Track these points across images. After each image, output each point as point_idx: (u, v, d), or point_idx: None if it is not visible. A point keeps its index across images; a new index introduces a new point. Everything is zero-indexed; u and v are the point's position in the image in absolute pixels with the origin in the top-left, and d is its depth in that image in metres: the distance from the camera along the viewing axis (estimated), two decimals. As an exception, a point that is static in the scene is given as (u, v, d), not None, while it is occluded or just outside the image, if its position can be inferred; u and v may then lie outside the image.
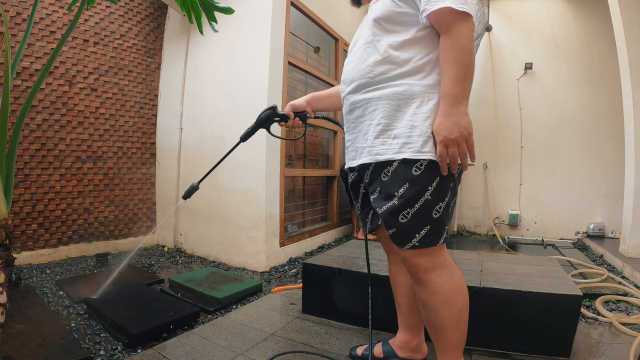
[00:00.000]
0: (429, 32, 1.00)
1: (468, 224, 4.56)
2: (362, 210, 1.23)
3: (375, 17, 1.05)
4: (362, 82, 1.07)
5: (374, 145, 1.03)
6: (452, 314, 1.03)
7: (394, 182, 1.00)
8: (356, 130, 1.11)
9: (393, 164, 1.00)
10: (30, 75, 2.68)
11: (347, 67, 1.16)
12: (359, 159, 1.09)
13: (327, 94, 1.42)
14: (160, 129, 3.55)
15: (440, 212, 1.00)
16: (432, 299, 1.03)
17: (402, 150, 0.98)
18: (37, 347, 1.41)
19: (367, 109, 1.07)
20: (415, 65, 1.00)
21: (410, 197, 0.98)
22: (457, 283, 1.05)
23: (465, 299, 1.06)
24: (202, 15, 1.68)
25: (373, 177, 1.06)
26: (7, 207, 1.11)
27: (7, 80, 1.13)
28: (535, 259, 1.96)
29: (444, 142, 0.94)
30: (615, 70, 3.20)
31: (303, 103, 1.39)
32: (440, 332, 1.06)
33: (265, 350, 1.44)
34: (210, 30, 1.91)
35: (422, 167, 0.97)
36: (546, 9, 4.22)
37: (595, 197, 3.97)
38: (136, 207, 3.42)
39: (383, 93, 1.03)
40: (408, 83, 1.00)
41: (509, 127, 4.35)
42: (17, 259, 2.32)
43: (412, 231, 1.00)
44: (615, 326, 1.65)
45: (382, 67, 1.03)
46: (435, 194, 0.98)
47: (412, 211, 0.99)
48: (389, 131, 1.01)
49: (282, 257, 2.95)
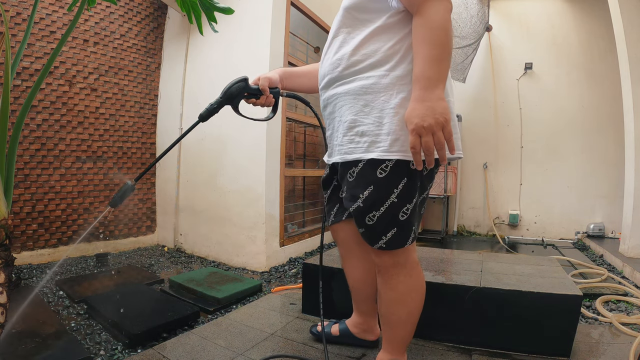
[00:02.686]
0: (400, 18, 0.92)
1: (468, 224, 4.56)
2: (329, 202, 1.25)
3: (345, 6, 0.98)
4: (332, 76, 1.02)
5: (343, 143, 0.98)
6: (401, 313, 1.06)
7: (358, 183, 0.96)
8: (330, 126, 1.07)
9: (359, 165, 0.95)
10: (30, 75, 2.68)
11: (321, 62, 1.11)
12: (333, 157, 1.06)
13: (300, 72, 1.28)
14: (160, 129, 3.55)
15: (407, 214, 0.96)
16: (387, 294, 1.07)
17: (370, 150, 0.92)
18: (37, 347, 1.41)
19: (336, 105, 1.01)
20: (385, 54, 0.92)
21: (375, 200, 0.95)
22: (414, 285, 1.05)
23: (419, 302, 1.07)
24: (202, 15, 1.68)
25: (342, 176, 1.05)
26: (7, 207, 1.11)
27: (7, 80, 1.13)
28: (535, 259, 1.96)
29: (417, 131, 0.83)
30: (615, 70, 3.20)
31: (277, 78, 1.21)
32: (389, 326, 1.11)
33: (265, 350, 1.44)
34: (210, 30, 1.91)
35: (387, 168, 0.92)
36: (546, 9, 4.22)
37: (595, 197, 3.97)
38: (136, 207, 3.42)
39: (350, 87, 0.96)
40: (376, 75, 0.93)
41: (509, 127, 4.35)
42: (17, 259, 2.32)
43: (378, 234, 0.98)
44: (615, 326, 1.65)
45: (350, 59, 0.96)
46: (401, 196, 0.94)
47: (377, 214, 0.95)
48: (356, 128, 0.95)
49: (282, 257, 2.95)
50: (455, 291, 1.48)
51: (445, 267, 1.81)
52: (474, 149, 4.51)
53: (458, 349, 1.44)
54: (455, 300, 1.47)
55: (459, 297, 1.46)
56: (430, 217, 4.63)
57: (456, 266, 1.84)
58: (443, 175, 4.14)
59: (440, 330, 1.50)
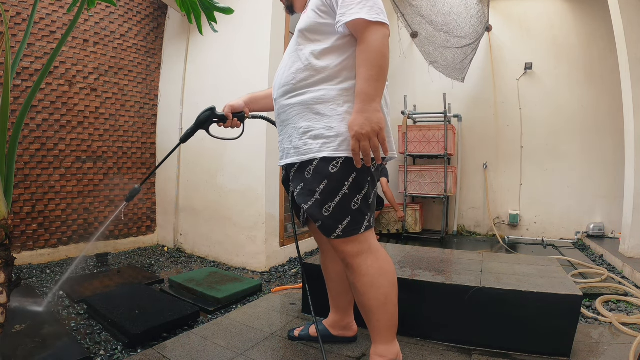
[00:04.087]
0: (347, 40, 1.09)
1: (468, 224, 4.56)
2: (294, 205, 1.32)
3: (300, 28, 1.14)
4: (287, 88, 1.17)
5: (299, 146, 1.12)
6: (378, 295, 1.13)
7: (315, 179, 1.10)
8: (283, 132, 1.21)
9: (314, 163, 1.09)
10: (30, 75, 2.68)
11: (277, 74, 1.26)
12: (285, 159, 1.20)
13: (263, 95, 1.47)
14: (160, 129, 3.55)
15: (358, 203, 1.11)
16: (360, 281, 1.13)
17: (322, 150, 1.08)
18: (37, 347, 1.41)
19: (290, 114, 1.16)
20: (333, 71, 1.09)
21: (329, 192, 1.08)
22: (383, 267, 1.14)
23: (391, 283, 1.15)
24: (202, 15, 1.68)
25: (297, 175, 1.16)
26: (7, 207, 1.11)
27: (7, 80, 1.13)
28: (535, 259, 1.96)
29: (356, 137, 1.01)
30: (615, 70, 3.20)
31: (241, 104, 1.42)
32: (370, 313, 1.16)
33: (265, 350, 1.44)
34: (210, 30, 1.91)
35: (338, 165, 1.07)
36: (546, 9, 4.22)
37: (595, 197, 3.97)
38: (136, 207, 3.42)
39: (303, 99, 1.12)
40: (326, 88, 1.09)
41: (509, 127, 4.35)
42: (17, 259, 2.32)
43: (335, 222, 1.10)
44: (615, 326, 1.65)
45: (303, 74, 1.12)
46: (352, 188, 1.09)
47: (332, 205, 1.09)
48: (310, 132, 1.10)
49: (282, 257, 2.95)
50: (455, 291, 1.48)
51: (445, 267, 1.81)
52: (474, 149, 4.51)
53: (458, 349, 1.44)
54: (455, 300, 1.47)
55: (459, 297, 1.46)
56: (430, 217, 4.63)
57: (456, 266, 1.84)
58: (443, 175, 4.14)
59: (440, 330, 1.50)
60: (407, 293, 1.40)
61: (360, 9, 0.99)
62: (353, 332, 1.50)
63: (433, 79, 4.26)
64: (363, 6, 0.99)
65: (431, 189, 4.22)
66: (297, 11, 1.34)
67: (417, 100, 4.68)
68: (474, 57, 3.95)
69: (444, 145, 4.09)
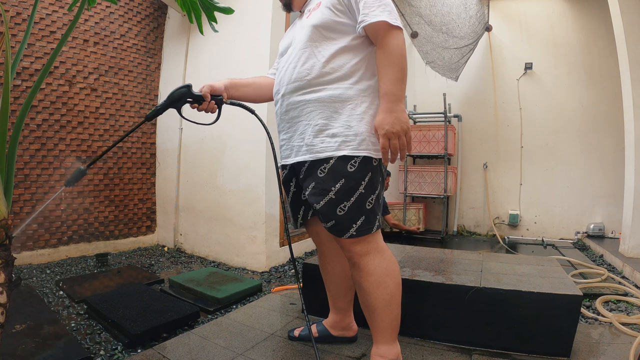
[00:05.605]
0: (361, 41, 1.11)
1: (468, 224, 4.56)
2: (292, 206, 1.32)
3: (314, 24, 1.12)
4: (300, 84, 1.14)
5: (314, 144, 1.11)
6: (384, 295, 1.13)
7: (330, 178, 1.08)
8: (291, 129, 1.18)
9: (330, 161, 1.08)
10: (30, 75, 2.68)
11: (284, 69, 1.21)
12: (294, 157, 1.17)
13: (245, 82, 1.38)
14: (160, 129, 3.55)
15: (372, 203, 1.12)
16: (366, 280, 1.13)
17: (341, 148, 1.07)
18: (37, 347, 1.41)
19: (303, 110, 1.14)
20: (348, 70, 1.10)
21: (346, 191, 1.08)
22: (389, 267, 1.14)
23: (397, 283, 1.16)
24: (202, 15, 1.68)
25: (308, 174, 1.13)
26: (7, 207, 1.11)
27: (7, 80, 1.13)
28: (535, 259, 1.96)
29: (387, 135, 1.03)
30: (615, 70, 3.20)
31: (221, 87, 1.27)
32: (374, 313, 1.16)
33: (265, 350, 1.44)
34: (210, 30, 1.91)
35: (356, 164, 1.08)
36: (546, 9, 4.22)
37: (595, 197, 3.97)
38: (136, 207, 3.42)
39: (320, 96, 1.11)
40: (343, 87, 1.10)
41: (509, 127, 4.35)
42: (17, 259, 2.31)
43: (349, 222, 1.10)
44: (615, 326, 1.65)
45: (319, 70, 1.11)
46: (367, 187, 1.10)
47: (348, 204, 1.09)
48: (327, 130, 1.09)
49: (282, 257, 2.95)
50: (455, 291, 1.48)
51: (445, 267, 1.81)
52: (474, 149, 4.51)
53: (458, 349, 1.44)
54: (455, 300, 1.47)
55: (459, 297, 1.46)
56: (430, 217, 4.63)
57: (456, 266, 1.84)
58: (443, 175, 4.14)
59: (440, 330, 1.51)
60: (407, 293, 1.39)
61: (382, 12, 1.02)
62: (353, 332, 1.50)
63: (433, 79, 4.27)
64: (383, 10, 1.03)
65: (431, 189, 4.22)
66: (294, 9, 1.32)
67: (417, 100, 4.68)
68: (470, 57, 3.95)
69: (444, 145, 4.09)
